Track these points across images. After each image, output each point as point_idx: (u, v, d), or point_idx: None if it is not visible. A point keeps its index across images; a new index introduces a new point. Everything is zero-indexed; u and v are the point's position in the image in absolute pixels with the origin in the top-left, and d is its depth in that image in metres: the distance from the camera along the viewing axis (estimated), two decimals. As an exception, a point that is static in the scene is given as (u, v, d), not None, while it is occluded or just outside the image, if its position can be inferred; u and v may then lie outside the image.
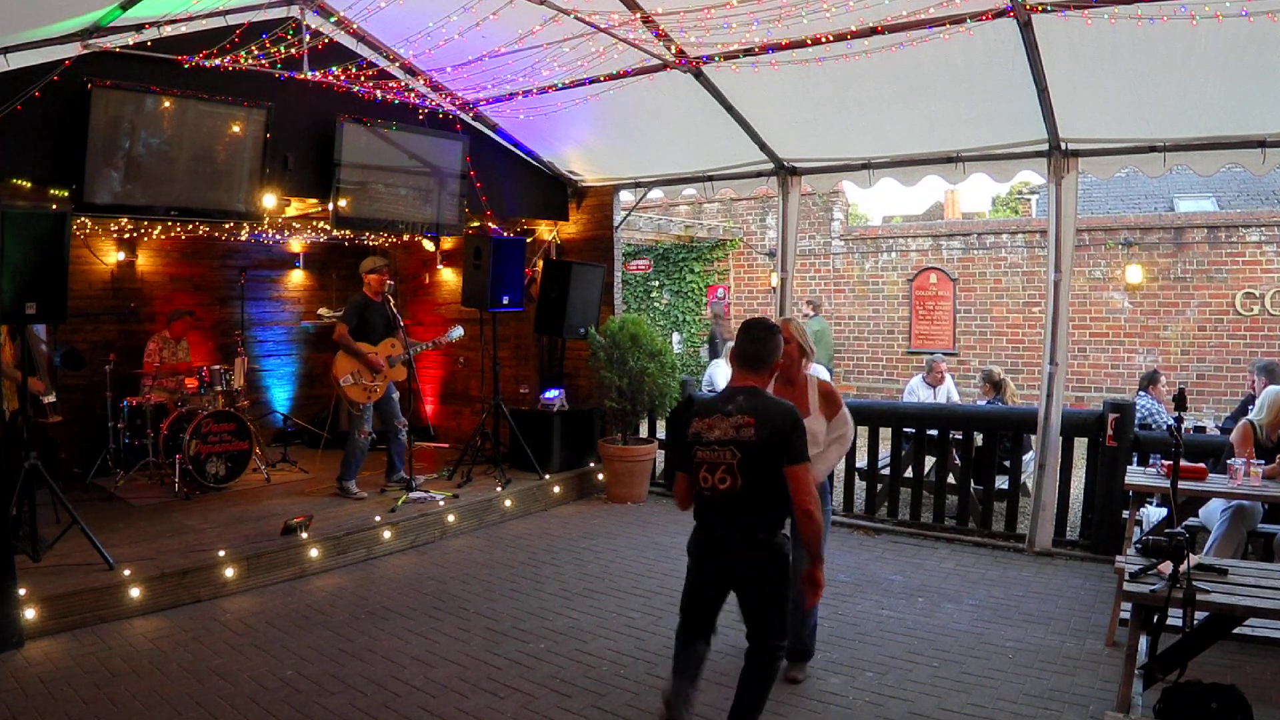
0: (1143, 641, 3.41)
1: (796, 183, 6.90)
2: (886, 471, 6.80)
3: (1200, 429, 6.97)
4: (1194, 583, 3.09)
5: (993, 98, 5.34)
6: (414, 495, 6.45)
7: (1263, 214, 10.27)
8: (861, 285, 12.47)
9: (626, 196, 8.11)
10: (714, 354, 11.72)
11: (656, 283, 14.34)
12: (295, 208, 6.64)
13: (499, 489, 6.88)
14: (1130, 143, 5.47)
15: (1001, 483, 6.46)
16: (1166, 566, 3.15)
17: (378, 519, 5.92)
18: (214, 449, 6.63)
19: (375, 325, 6.66)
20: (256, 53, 5.12)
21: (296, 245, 8.89)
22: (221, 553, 5.09)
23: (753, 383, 3.13)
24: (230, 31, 5.08)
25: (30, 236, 4.43)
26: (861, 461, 7.18)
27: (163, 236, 7.52)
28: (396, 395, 6.82)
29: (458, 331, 7.21)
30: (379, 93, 6.06)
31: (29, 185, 4.88)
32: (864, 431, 7.09)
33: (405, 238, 8.36)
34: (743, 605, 3.13)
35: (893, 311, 12.20)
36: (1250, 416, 5.03)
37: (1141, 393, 7.11)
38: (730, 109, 6.09)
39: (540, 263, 7.97)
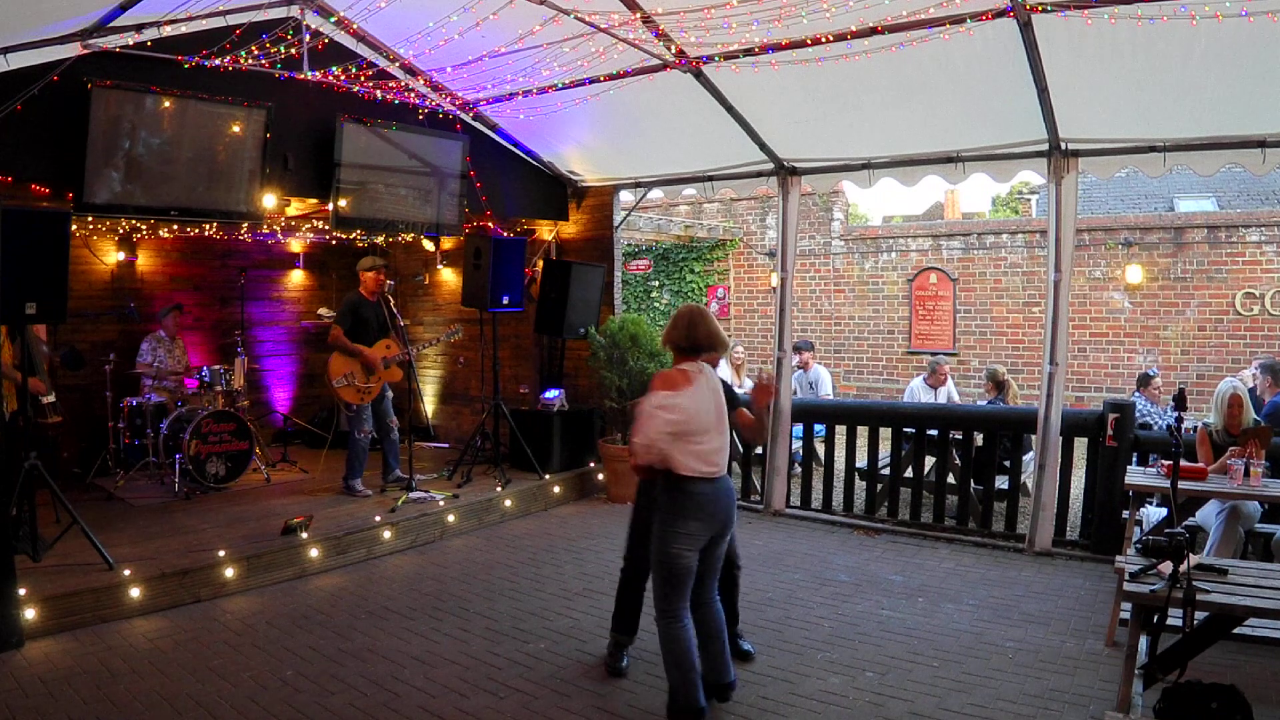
0: (1143, 641, 3.41)
1: (796, 183, 6.90)
2: (886, 471, 6.80)
3: (1200, 429, 6.97)
4: (1194, 583, 3.09)
5: (993, 98, 5.34)
6: (414, 495, 6.45)
7: (1263, 214, 10.26)
8: (861, 285, 12.45)
9: (626, 196, 8.10)
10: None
11: (656, 283, 14.34)
12: (295, 208, 6.64)
13: (499, 489, 6.88)
14: (1130, 143, 5.47)
15: (1001, 483, 6.46)
16: (1166, 566, 3.15)
17: (377, 519, 5.92)
18: (214, 449, 6.63)
19: (370, 325, 6.65)
20: (256, 53, 5.12)
21: (296, 245, 8.89)
22: (221, 553, 5.09)
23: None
24: (230, 31, 5.08)
25: (30, 236, 4.43)
26: (862, 461, 7.18)
27: (163, 236, 7.52)
28: (390, 395, 6.82)
29: (455, 332, 7.22)
30: (379, 93, 6.06)
31: (29, 185, 4.88)
32: (864, 431, 7.12)
33: (405, 238, 8.36)
34: None
35: (893, 311, 12.19)
36: (1205, 420, 5.04)
37: (1136, 393, 7.13)
38: (730, 109, 6.09)
39: (540, 263, 7.97)
